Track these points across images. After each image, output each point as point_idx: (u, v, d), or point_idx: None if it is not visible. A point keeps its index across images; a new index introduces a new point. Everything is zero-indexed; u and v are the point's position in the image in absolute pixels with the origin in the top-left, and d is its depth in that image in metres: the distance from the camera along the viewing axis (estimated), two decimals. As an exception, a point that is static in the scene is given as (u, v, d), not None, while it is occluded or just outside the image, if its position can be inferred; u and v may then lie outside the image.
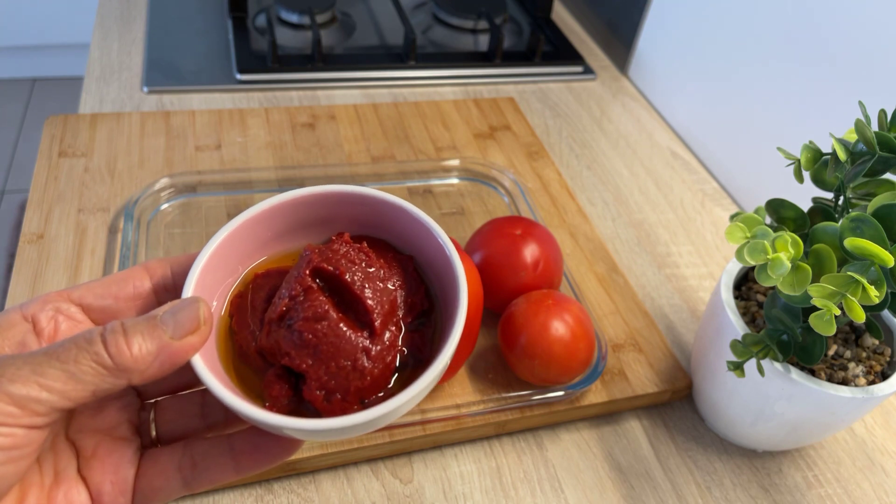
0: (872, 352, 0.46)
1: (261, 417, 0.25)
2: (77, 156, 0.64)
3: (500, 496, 0.46)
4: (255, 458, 0.28)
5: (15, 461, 0.23)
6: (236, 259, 0.30)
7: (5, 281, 1.41)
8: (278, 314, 0.28)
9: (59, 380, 0.23)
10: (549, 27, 0.96)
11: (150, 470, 0.28)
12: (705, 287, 0.63)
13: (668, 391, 0.52)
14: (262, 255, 0.32)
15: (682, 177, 0.75)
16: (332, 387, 0.27)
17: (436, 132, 0.74)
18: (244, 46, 0.82)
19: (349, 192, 0.31)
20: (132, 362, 0.24)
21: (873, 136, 0.38)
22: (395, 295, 0.29)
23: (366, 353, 0.27)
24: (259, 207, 0.30)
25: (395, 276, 0.30)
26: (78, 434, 0.27)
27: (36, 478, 0.26)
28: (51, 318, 0.26)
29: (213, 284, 0.29)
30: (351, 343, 0.27)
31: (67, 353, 0.23)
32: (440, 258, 0.30)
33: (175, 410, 0.30)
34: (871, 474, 0.51)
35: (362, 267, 0.29)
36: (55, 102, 1.94)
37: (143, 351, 0.24)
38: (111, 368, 0.23)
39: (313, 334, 0.27)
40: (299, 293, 0.28)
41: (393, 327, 0.29)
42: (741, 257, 0.39)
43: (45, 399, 0.22)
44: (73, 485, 0.26)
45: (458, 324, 0.27)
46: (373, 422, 0.25)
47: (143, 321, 0.25)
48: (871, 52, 0.57)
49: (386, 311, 0.29)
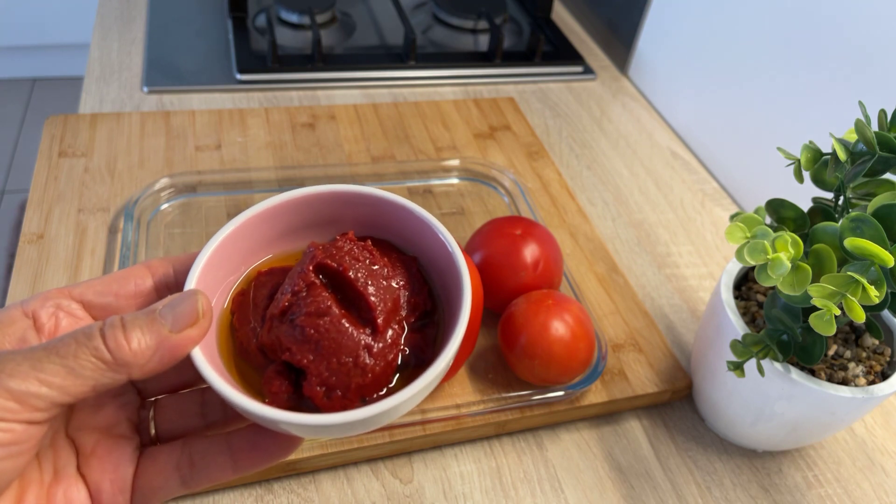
0: (872, 352, 0.46)
1: (260, 412, 0.25)
2: (77, 156, 0.64)
3: (500, 496, 0.46)
4: (254, 456, 0.28)
5: (14, 457, 0.23)
6: (239, 257, 0.30)
7: (5, 281, 1.41)
8: (280, 309, 0.28)
9: (59, 375, 0.23)
10: (549, 27, 0.96)
11: (148, 468, 0.28)
12: (705, 287, 0.63)
13: (668, 391, 0.52)
14: (265, 253, 0.32)
15: (682, 177, 0.75)
16: (333, 383, 0.27)
17: (436, 132, 0.74)
18: (244, 46, 0.82)
19: (353, 192, 0.31)
20: (131, 356, 0.24)
21: (873, 136, 0.38)
22: (399, 294, 0.29)
23: (367, 350, 0.27)
24: (262, 206, 0.30)
25: (398, 275, 0.30)
26: (77, 432, 0.27)
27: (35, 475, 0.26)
28: (51, 314, 0.26)
29: (215, 282, 0.29)
30: (353, 339, 0.27)
31: (67, 349, 0.23)
32: (444, 258, 0.30)
33: (174, 409, 0.30)
34: (871, 474, 0.51)
35: (366, 265, 0.29)
36: (55, 102, 1.94)
37: (142, 345, 0.24)
38: (110, 363, 0.23)
39: (315, 329, 0.27)
40: (302, 289, 0.28)
41: (395, 326, 0.29)
42: (741, 257, 0.39)
43: (44, 394, 0.22)
44: (72, 482, 0.26)
45: (461, 324, 0.27)
46: (372, 419, 0.25)
47: (142, 315, 0.25)
48: (871, 52, 0.57)
49: (389, 310, 0.28)
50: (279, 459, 0.29)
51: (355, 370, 0.27)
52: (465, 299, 0.28)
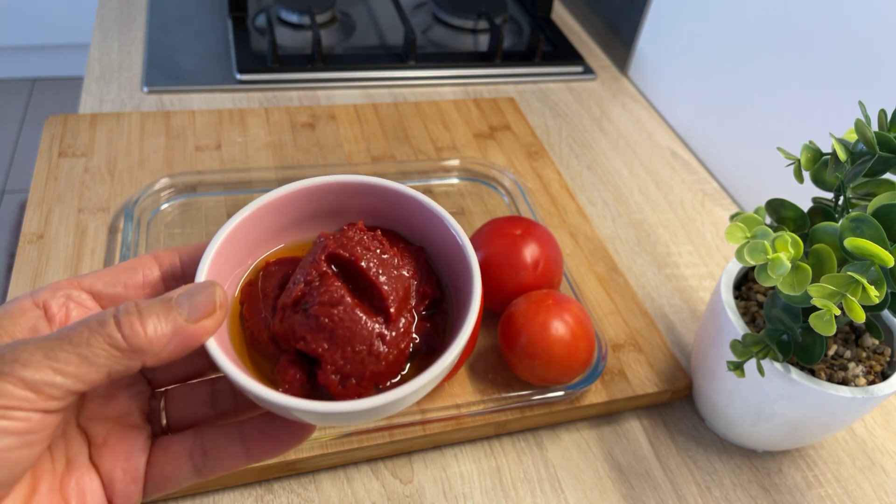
0: (872, 352, 0.46)
1: (277, 400, 0.25)
2: (77, 156, 0.64)
3: (500, 496, 0.46)
4: (266, 445, 0.28)
5: (30, 446, 0.23)
6: (247, 248, 0.30)
7: (5, 281, 1.41)
8: (293, 299, 0.28)
9: (73, 363, 0.23)
10: (549, 27, 0.96)
11: (161, 458, 0.28)
12: (705, 287, 0.63)
13: (668, 391, 0.52)
14: (273, 244, 0.32)
15: (682, 177, 0.75)
16: (348, 371, 0.27)
17: (436, 132, 0.74)
18: (244, 46, 0.82)
19: (361, 183, 0.31)
20: (147, 343, 0.24)
21: (873, 136, 0.38)
22: (409, 283, 0.30)
23: (381, 339, 0.28)
24: (270, 196, 0.30)
25: (407, 264, 0.30)
26: (89, 422, 0.27)
27: (48, 465, 0.26)
28: (62, 304, 0.26)
29: (224, 272, 0.29)
30: (367, 328, 0.28)
31: (79, 336, 0.23)
32: (453, 248, 0.30)
33: (185, 399, 0.30)
34: (871, 474, 0.51)
35: (377, 254, 0.29)
36: (55, 102, 1.94)
37: (158, 332, 0.24)
38: (125, 350, 0.23)
39: (329, 318, 0.27)
40: (315, 278, 0.28)
41: (407, 314, 0.29)
42: (741, 257, 0.39)
43: (59, 383, 0.22)
44: (84, 472, 0.26)
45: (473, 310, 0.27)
46: (387, 406, 0.25)
47: (159, 303, 0.25)
48: (871, 52, 0.57)
49: (400, 298, 0.29)
50: (291, 447, 0.29)
51: (370, 358, 0.27)
52: (475, 286, 0.28)
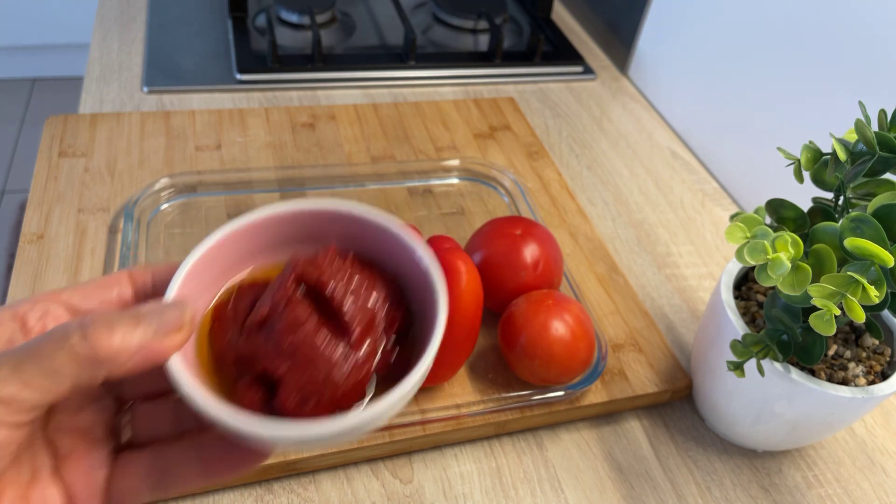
0: (872, 352, 0.46)
1: (231, 423, 0.25)
2: (77, 156, 0.64)
3: (500, 496, 0.46)
4: (226, 463, 0.28)
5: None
6: (221, 269, 0.30)
7: (5, 281, 1.41)
8: (259, 320, 0.28)
9: (39, 376, 0.23)
10: (549, 27, 0.96)
11: (121, 473, 0.28)
12: (705, 287, 0.63)
13: (668, 391, 0.52)
14: (247, 265, 0.32)
15: (682, 177, 0.75)
16: (307, 394, 0.27)
17: (436, 132, 0.74)
18: (244, 46, 0.82)
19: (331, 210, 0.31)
20: (113, 354, 0.24)
21: (873, 136, 0.38)
22: (376, 308, 0.29)
23: (342, 364, 0.27)
24: (244, 221, 0.30)
25: (377, 289, 0.30)
26: (56, 433, 0.27)
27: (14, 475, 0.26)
28: (39, 318, 0.27)
29: (196, 292, 0.29)
30: (328, 352, 0.27)
31: (43, 349, 0.23)
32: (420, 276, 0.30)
33: (150, 415, 0.30)
34: (871, 474, 0.51)
35: (346, 278, 0.29)
36: (55, 102, 1.94)
37: (124, 343, 0.24)
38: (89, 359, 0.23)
39: (292, 340, 0.27)
40: (281, 300, 0.28)
41: (372, 340, 0.29)
42: (741, 257, 0.39)
43: (25, 397, 0.23)
44: (48, 484, 0.26)
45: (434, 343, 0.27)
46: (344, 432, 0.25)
47: (127, 315, 0.25)
48: (871, 52, 0.57)
49: (365, 324, 0.29)
50: (251, 467, 0.29)
51: (329, 383, 0.27)
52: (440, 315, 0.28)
